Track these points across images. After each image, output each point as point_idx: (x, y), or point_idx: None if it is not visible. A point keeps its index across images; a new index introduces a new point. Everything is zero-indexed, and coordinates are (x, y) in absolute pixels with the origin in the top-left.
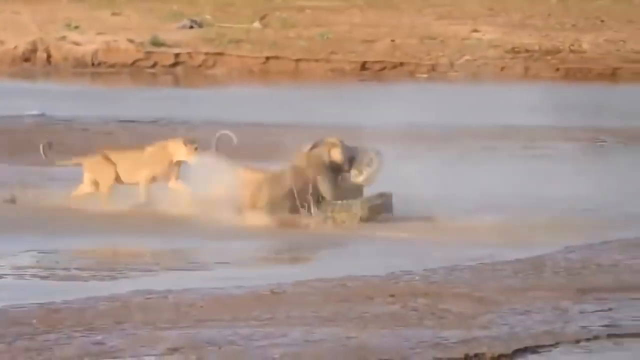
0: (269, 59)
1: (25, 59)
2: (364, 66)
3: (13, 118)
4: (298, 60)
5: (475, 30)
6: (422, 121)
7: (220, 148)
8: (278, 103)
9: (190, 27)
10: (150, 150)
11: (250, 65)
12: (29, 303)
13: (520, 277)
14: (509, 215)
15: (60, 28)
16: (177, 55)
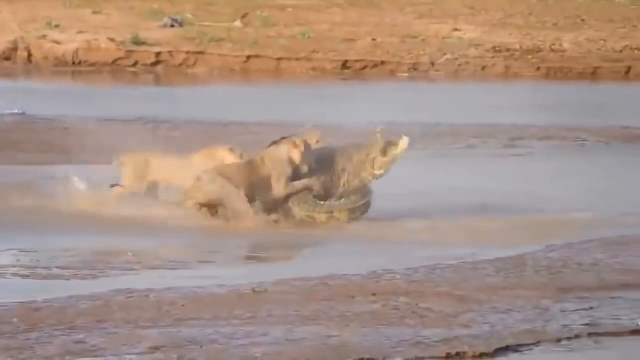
0: (250, 57)
1: (6, 57)
2: (345, 65)
3: None
4: (279, 59)
5: (456, 29)
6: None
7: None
8: (259, 102)
9: (171, 26)
10: (197, 156)
11: (231, 64)
12: (10, 301)
13: (502, 276)
14: (489, 214)
15: (40, 27)
16: (158, 54)
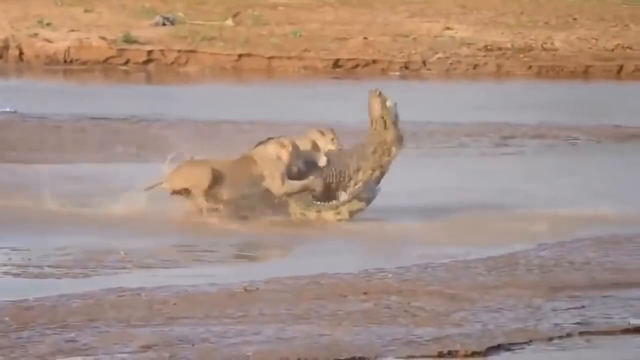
0: (242, 56)
1: None
2: (336, 64)
3: None
4: (271, 57)
5: (447, 28)
6: None
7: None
8: (251, 101)
9: (163, 25)
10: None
11: (222, 63)
12: (1, 300)
13: (493, 275)
14: (481, 212)
15: (32, 25)
16: (150, 52)
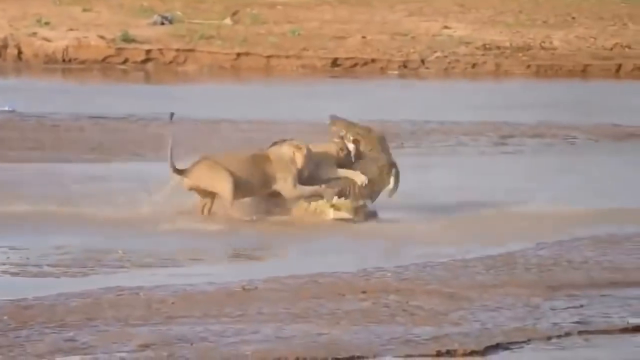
0: (240, 55)
1: None
2: (335, 62)
3: None
4: (269, 56)
5: (446, 27)
6: (393, 117)
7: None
8: (249, 99)
9: (161, 24)
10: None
11: (221, 62)
12: (0, 299)
13: (492, 274)
14: (479, 211)
15: (30, 24)
16: (148, 51)
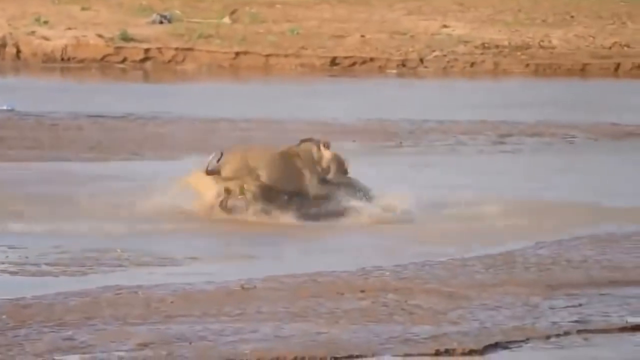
0: (239, 54)
1: None
2: (333, 61)
3: None
4: (268, 55)
5: (445, 26)
6: (392, 116)
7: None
8: (248, 98)
9: (160, 23)
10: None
11: (220, 61)
12: None
13: (491, 273)
14: (478, 210)
15: (29, 23)
16: (147, 50)
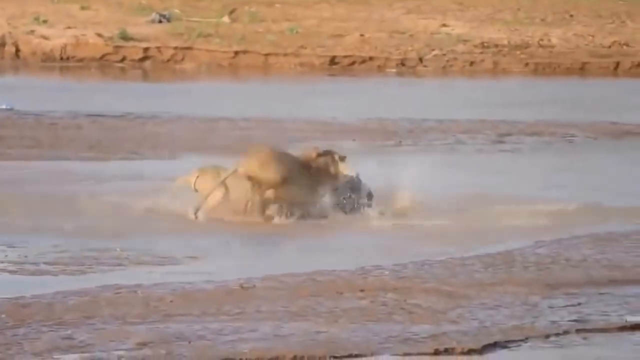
0: (238, 53)
1: None
2: (333, 60)
3: None
4: (267, 54)
5: (444, 25)
6: (391, 115)
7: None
8: (247, 98)
9: (159, 22)
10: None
11: (219, 60)
12: None
13: (490, 272)
14: (477, 210)
15: (28, 22)
16: (146, 49)
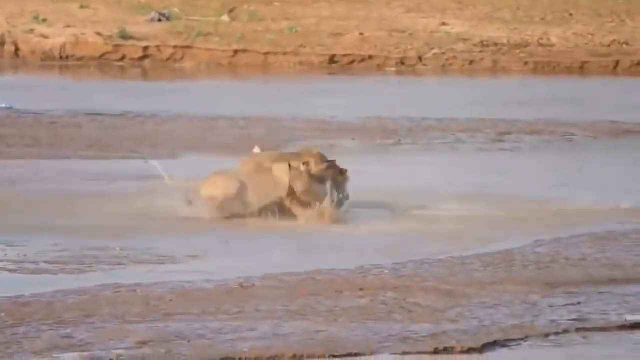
0: (238, 52)
1: None
2: (332, 59)
3: None
4: (266, 53)
5: (444, 24)
6: (391, 114)
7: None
8: (247, 96)
9: (159, 20)
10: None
11: (218, 59)
12: None
13: (490, 271)
14: (477, 209)
15: (28, 21)
16: (146, 48)
